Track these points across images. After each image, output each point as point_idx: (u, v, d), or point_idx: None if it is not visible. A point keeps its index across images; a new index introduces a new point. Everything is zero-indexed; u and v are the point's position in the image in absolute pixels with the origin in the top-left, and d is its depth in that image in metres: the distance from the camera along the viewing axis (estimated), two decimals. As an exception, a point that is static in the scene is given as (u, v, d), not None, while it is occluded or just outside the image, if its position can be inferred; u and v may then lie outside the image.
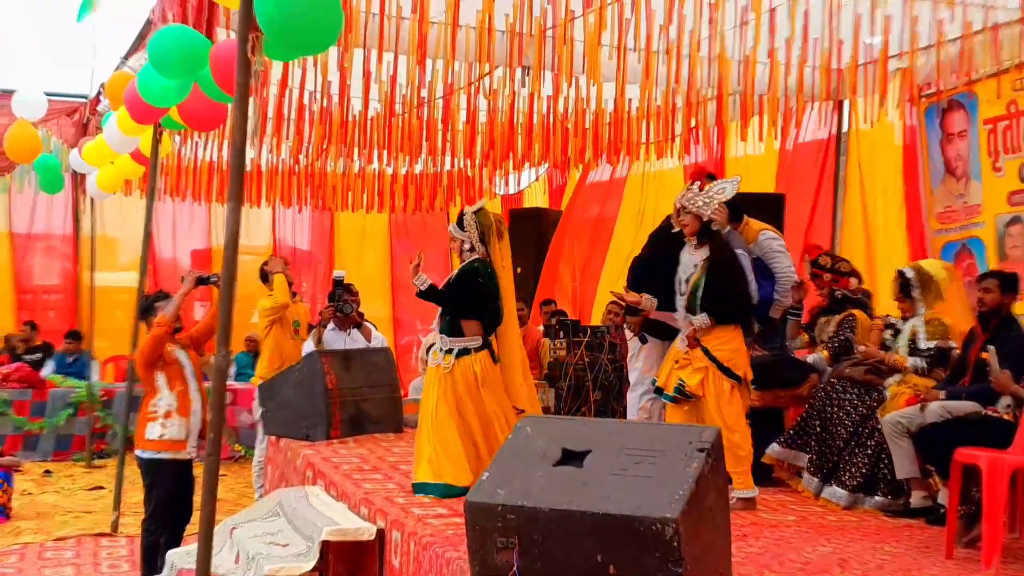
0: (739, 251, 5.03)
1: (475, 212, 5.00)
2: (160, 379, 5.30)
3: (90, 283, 9.97)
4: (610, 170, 9.97)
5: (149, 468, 5.34)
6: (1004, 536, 3.86)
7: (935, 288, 5.09)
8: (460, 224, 5.01)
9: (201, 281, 5.49)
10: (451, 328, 4.92)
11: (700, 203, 4.74)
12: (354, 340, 7.46)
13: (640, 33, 5.84)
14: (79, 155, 8.26)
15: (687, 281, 4.80)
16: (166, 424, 5.26)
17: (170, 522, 5.40)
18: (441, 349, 4.93)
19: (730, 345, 4.72)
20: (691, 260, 4.81)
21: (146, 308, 5.66)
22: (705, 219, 4.73)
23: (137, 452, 5.39)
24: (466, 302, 4.90)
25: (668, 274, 4.92)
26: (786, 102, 7.08)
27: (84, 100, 9.39)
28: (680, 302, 4.83)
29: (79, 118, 9.34)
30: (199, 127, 6.67)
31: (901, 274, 5.22)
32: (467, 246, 4.97)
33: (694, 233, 4.76)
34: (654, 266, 5.17)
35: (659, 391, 4.96)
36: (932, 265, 5.31)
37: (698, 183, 4.86)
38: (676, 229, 4.94)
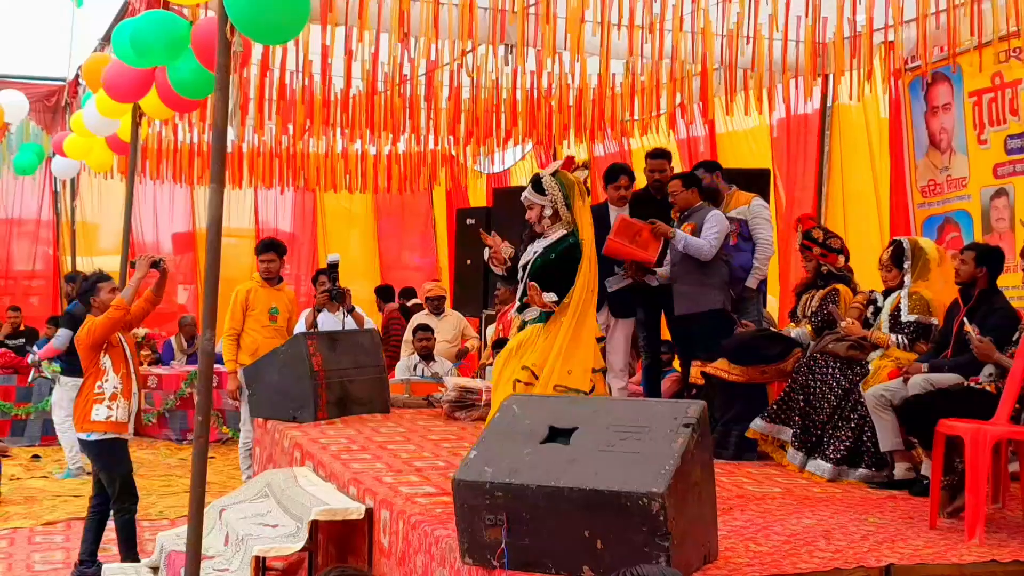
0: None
1: (552, 174, 4.69)
2: (106, 362, 5.24)
3: (71, 268, 9.89)
4: (616, 145, 9.89)
5: (101, 450, 5.29)
6: (987, 506, 3.89)
7: (923, 264, 5.13)
8: (538, 188, 4.70)
9: (154, 265, 5.38)
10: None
11: None
12: (348, 325, 7.43)
13: (623, 8, 5.82)
14: (62, 154, 8.13)
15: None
16: (112, 406, 5.21)
17: (132, 498, 5.35)
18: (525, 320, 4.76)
19: None
20: None
21: (88, 289, 5.45)
22: None
23: (80, 436, 5.31)
24: (562, 282, 4.64)
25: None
26: (771, 77, 7.06)
27: (62, 83, 9.29)
28: None
29: (57, 101, 9.25)
30: (179, 108, 6.59)
31: (898, 243, 5.25)
32: (548, 212, 4.66)
33: None
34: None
35: None
36: (927, 244, 5.37)
37: None
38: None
